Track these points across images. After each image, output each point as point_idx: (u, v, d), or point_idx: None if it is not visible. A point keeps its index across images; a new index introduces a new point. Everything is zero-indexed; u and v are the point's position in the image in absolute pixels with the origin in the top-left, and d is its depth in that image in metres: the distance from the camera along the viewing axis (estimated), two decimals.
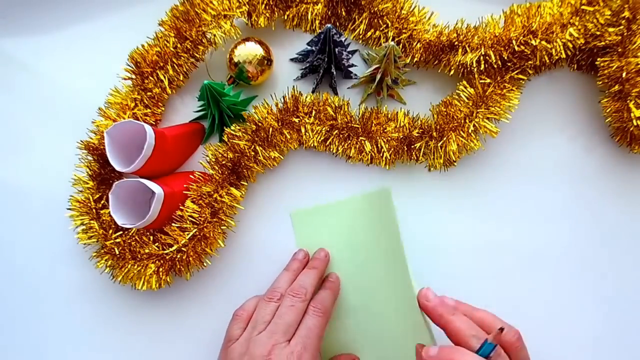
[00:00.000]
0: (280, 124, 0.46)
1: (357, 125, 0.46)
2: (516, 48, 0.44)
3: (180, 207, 0.45)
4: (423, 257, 0.48)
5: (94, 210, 0.45)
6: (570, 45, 0.44)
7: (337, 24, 0.48)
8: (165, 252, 0.44)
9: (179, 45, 0.46)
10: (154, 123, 0.48)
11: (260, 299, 0.42)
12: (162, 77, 0.46)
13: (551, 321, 0.47)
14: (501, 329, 0.34)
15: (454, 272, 0.48)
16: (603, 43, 0.45)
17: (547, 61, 0.45)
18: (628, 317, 0.47)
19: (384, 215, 0.47)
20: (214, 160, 0.46)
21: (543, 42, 0.44)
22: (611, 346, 0.47)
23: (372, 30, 0.47)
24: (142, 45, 0.46)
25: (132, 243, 0.45)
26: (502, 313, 0.47)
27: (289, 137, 0.46)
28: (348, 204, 0.48)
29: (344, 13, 0.48)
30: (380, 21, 0.47)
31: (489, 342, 0.34)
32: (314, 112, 0.46)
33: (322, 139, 0.47)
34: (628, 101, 0.44)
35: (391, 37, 0.46)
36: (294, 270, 0.45)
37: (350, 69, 0.49)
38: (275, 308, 0.41)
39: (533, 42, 0.43)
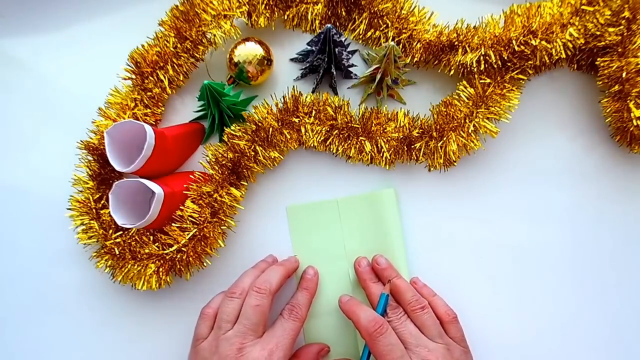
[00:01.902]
0: (280, 124, 0.46)
1: (357, 125, 0.46)
2: (516, 48, 0.44)
3: (180, 207, 0.45)
4: (423, 256, 0.48)
5: (94, 210, 0.45)
6: (570, 45, 0.44)
7: (337, 24, 0.48)
8: (165, 252, 0.44)
9: (179, 45, 0.46)
10: (154, 123, 0.48)
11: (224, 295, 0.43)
12: (162, 77, 0.46)
13: (551, 320, 0.47)
14: (389, 281, 0.44)
15: (453, 271, 0.48)
16: (603, 43, 0.45)
17: (547, 61, 0.45)
18: (628, 316, 0.47)
19: (386, 215, 0.47)
20: (214, 160, 0.46)
21: (543, 42, 0.43)
22: (612, 345, 0.47)
23: (372, 30, 0.47)
24: (142, 45, 0.46)
25: (132, 243, 0.45)
26: (501, 312, 0.48)
27: (289, 137, 0.46)
28: (348, 202, 0.48)
29: (344, 13, 0.48)
30: (380, 21, 0.47)
31: (383, 292, 0.43)
32: (314, 112, 0.46)
33: (322, 139, 0.47)
34: (628, 101, 0.44)
35: (391, 37, 0.46)
36: (260, 269, 0.45)
37: (350, 69, 0.49)
38: (238, 305, 0.41)
39: (533, 42, 0.43)
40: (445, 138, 0.45)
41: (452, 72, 0.46)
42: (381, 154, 0.47)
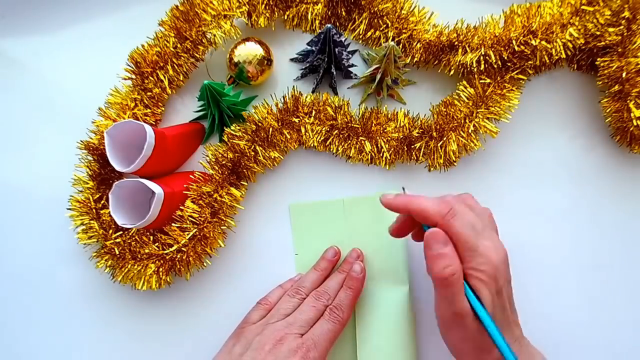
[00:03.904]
0: (280, 124, 0.46)
1: (357, 125, 0.46)
2: (516, 48, 0.44)
3: (180, 207, 0.45)
4: (421, 256, 0.48)
5: (94, 210, 0.45)
6: (570, 45, 0.44)
7: (337, 24, 0.48)
8: (165, 252, 0.44)
9: (179, 45, 0.46)
10: (154, 123, 0.48)
11: (284, 291, 0.45)
12: (162, 77, 0.46)
13: (552, 320, 0.47)
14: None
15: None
16: (603, 43, 0.45)
17: (547, 61, 0.45)
18: (629, 316, 0.47)
19: (390, 216, 0.47)
20: (214, 160, 0.46)
21: (543, 42, 0.44)
22: (612, 345, 0.47)
23: (372, 30, 0.47)
24: (142, 45, 0.46)
25: (132, 243, 0.45)
26: None
27: (289, 137, 0.46)
28: (354, 202, 0.48)
29: (344, 13, 0.48)
30: (380, 21, 0.47)
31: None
32: (314, 112, 0.46)
33: (322, 139, 0.47)
34: (628, 101, 0.44)
35: (391, 37, 0.46)
36: (322, 269, 0.46)
37: (350, 69, 0.49)
38: (297, 304, 0.43)
39: (533, 42, 0.43)
40: (445, 138, 0.45)
41: (452, 72, 0.46)
42: (381, 154, 0.47)
